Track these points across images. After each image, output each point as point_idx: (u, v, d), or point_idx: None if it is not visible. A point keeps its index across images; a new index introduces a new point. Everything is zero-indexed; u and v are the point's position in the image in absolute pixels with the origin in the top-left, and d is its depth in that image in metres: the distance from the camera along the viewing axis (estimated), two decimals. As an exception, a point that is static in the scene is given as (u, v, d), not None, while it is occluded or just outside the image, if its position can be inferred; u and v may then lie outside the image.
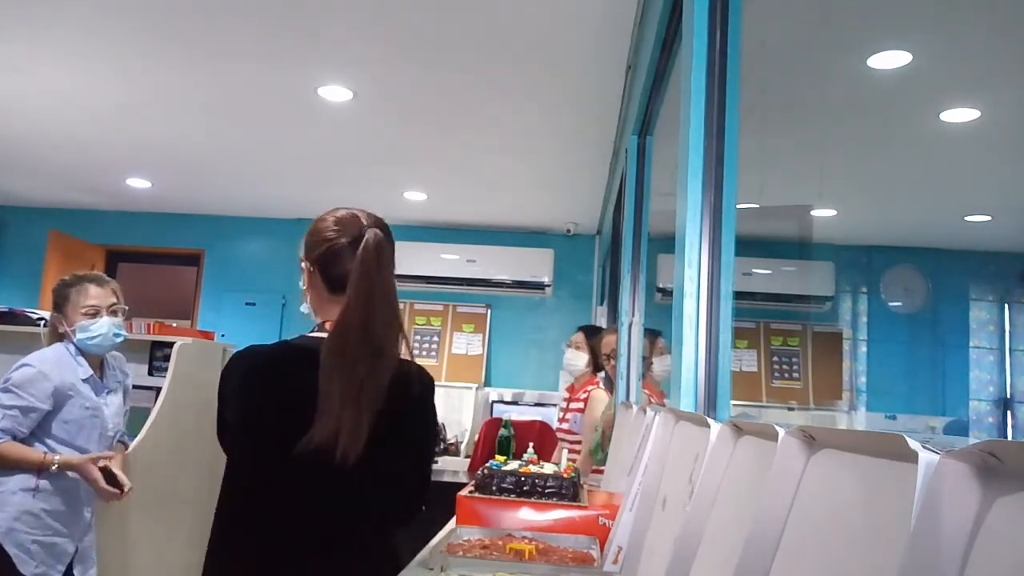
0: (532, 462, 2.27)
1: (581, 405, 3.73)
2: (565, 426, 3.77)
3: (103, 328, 2.50)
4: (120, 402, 2.67)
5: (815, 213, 4.82)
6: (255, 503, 1.51)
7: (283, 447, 1.43)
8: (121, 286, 2.64)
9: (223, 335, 5.36)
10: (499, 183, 5.19)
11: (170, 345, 3.18)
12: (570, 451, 3.72)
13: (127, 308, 2.62)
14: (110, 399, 2.59)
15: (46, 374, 2.40)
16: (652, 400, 3.09)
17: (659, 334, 3.45)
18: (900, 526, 0.50)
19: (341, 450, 1.41)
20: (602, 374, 3.76)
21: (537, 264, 6.07)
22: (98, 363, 2.58)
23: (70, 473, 2.43)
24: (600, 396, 3.70)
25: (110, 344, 2.54)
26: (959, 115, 3.29)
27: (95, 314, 2.50)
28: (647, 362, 3.24)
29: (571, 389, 3.90)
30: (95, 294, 2.52)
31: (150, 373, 3.67)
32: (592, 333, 3.86)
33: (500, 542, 1.70)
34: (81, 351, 2.51)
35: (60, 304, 2.52)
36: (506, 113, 3.92)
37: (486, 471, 2.06)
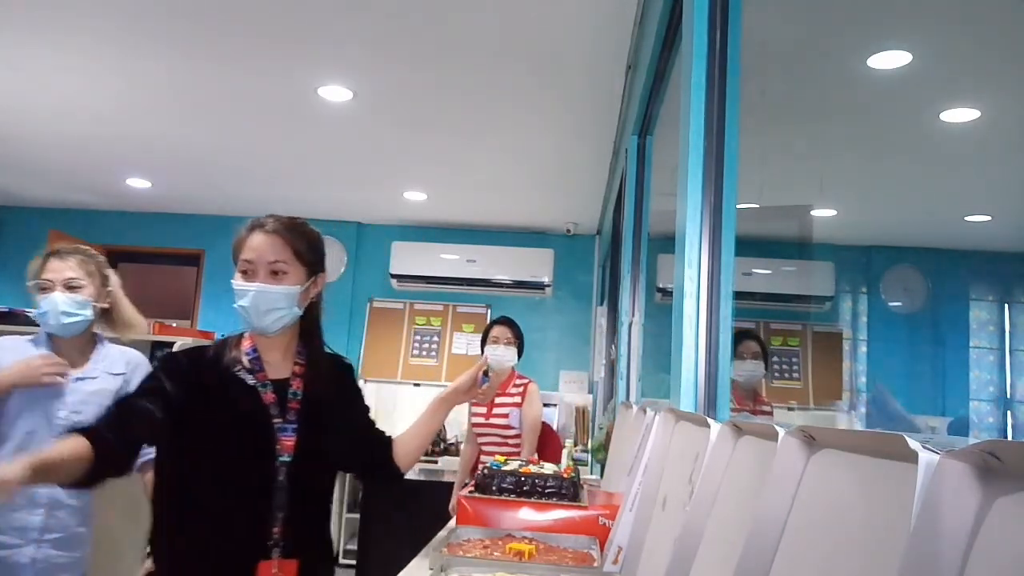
0: (532, 462, 2.28)
1: (518, 400, 3.69)
2: (503, 422, 3.65)
3: (50, 305, 2.21)
4: (96, 391, 2.26)
5: (815, 213, 4.82)
6: None
7: None
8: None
9: (223, 335, 5.35)
10: (499, 183, 5.19)
11: (170, 345, 3.18)
12: (493, 444, 3.63)
13: (84, 284, 2.27)
14: (78, 386, 2.24)
15: None
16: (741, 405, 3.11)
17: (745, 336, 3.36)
18: (900, 526, 0.50)
19: None
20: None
21: (537, 264, 6.07)
22: (77, 346, 2.28)
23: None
24: (536, 389, 3.73)
25: (58, 323, 2.21)
26: (959, 115, 3.28)
27: (48, 289, 2.23)
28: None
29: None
30: (52, 268, 2.25)
31: (150, 373, 3.65)
32: (515, 327, 3.80)
33: (500, 542, 1.70)
34: (50, 333, 2.24)
35: (29, 279, 2.29)
36: (506, 113, 3.92)
37: (486, 471, 2.06)
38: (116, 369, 2.33)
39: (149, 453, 2.18)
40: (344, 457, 1.82)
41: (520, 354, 3.80)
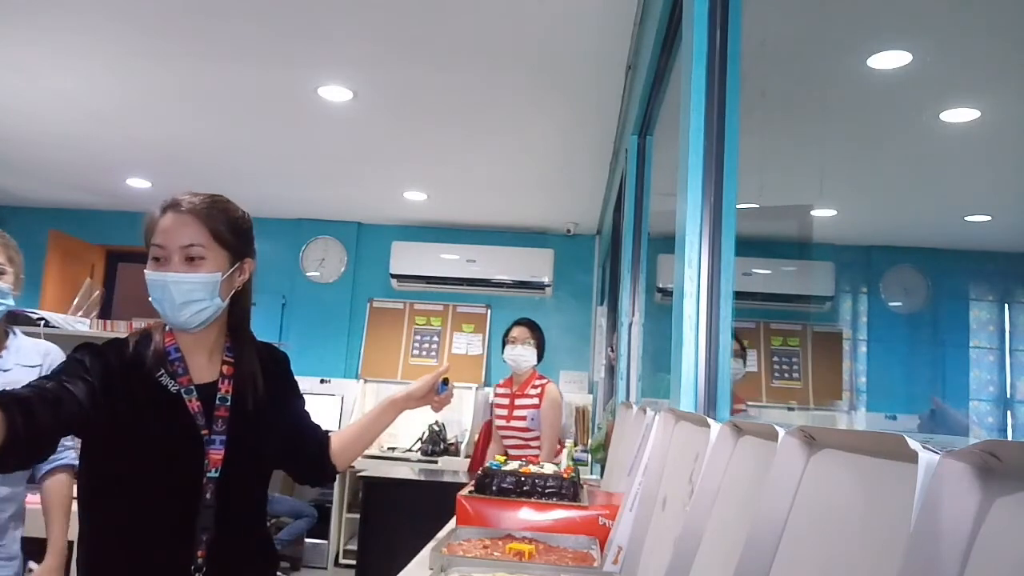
0: (532, 461, 2.28)
1: (536, 401, 3.72)
2: (522, 424, 3.73)
3: None
4: (9, 383, 1.96)
5: (815, 213, 4.82)
6: None
7: None
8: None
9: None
10: (499, 183, 5.19)
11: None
12: (515, 446, 3.69)
13: (7, 271, 2.15)
14: None
15: None
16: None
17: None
18: (900, 526, 0.50)
19: None
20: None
21: (537, 264, 6.07)
22: None
23: None
24: (554, 390, 3.79)
25: None
26: (959, 115, 3.28)
27: None
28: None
29: (508, 384, 3.90)
30: None
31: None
32: (534, 327, 3.87)
33: (500, 542, 1.70)
34: None
35: None
36: (506, 113, 3.92)
37: (486, 471, 2.06)
38: (31, 361, 2.17)
39: (54, 460, 2.09)
40: (277, 455, 1.65)
41: (540, 356, 3.84)
